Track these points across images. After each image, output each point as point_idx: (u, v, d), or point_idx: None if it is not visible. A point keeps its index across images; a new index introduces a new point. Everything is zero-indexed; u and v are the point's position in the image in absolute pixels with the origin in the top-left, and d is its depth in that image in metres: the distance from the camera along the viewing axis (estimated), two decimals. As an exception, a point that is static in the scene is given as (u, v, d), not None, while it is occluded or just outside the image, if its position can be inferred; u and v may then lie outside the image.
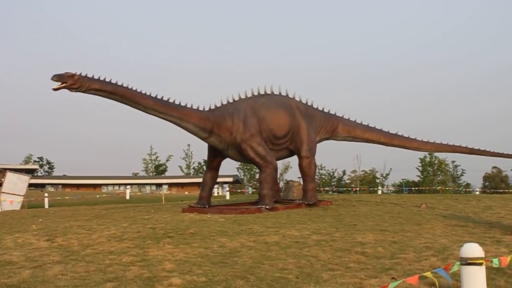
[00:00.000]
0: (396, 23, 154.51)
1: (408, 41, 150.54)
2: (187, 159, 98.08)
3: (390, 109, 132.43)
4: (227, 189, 44.18)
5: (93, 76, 15.61)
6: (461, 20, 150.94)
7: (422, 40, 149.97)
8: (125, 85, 16.13)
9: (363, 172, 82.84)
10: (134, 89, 16.31)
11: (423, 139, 21.63)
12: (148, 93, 16.57)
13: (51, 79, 14.96)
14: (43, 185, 77.22)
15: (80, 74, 15.38)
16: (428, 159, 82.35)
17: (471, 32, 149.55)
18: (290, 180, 25.62)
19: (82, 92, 15.58)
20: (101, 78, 15.75)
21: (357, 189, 60.44)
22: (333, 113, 20.90)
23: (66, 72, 15.20)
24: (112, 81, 15.94)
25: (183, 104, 17.30)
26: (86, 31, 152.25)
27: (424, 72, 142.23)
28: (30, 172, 65.38)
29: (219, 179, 22.11)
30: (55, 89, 15.05)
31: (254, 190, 71.64)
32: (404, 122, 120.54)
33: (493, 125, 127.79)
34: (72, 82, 15.16)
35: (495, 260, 5.84)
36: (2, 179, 30.49)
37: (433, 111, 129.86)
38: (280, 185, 23.97)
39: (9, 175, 30.48)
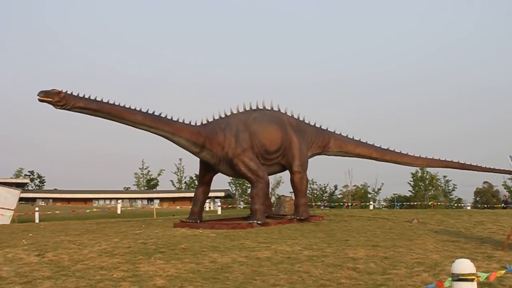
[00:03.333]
0: (386, 39, 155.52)
1: (397, 57, 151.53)
2: (178, 174, 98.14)
3: (381, 124, 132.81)
4: (219, 204, 44.08)
5: (78, 94, 15.62)
6: (453, 37, 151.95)
7: (411, 56, 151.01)
8: (111, 102, 16.10)
9: (354, 187, 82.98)
10: (121, 105, 16.26)
11: (414, 154, 21.71)
12: (137, 108, 16.55)
13: (37, 95, 15.01)
14: (33, 199, 77.04)
15: (66, 92, 15.40)
16: (419, 174, 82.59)
17: (462, 49, 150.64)
18: (282, 195, 25.60)
19: (67, 110, 15.59)
20: (87, 96, 15.75)
21: (349, 204, 60.45)
22: (325, 128, 20.96)
23: (53, 89, 15.22)
24: (97, 99, 15.90)
25: (174, 118, 17.31)
26: (79, 42, 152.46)
27: (414, 86, 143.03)
28: (20, 186, 65.17)
29: (210, 194, 22.07)
30: (40, 100, 15.09)
31: (245, 205, 71.54)
32: (395, 136, 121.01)
33: (484, 140, 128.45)
34: (58, 99, 15.18)
35: (483, 275, 5.85)
36: (-7, 193, 30.35)
37: (425, 126, 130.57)
38: (271, 200, 23.97)
39: (-1, 189, 30.36)
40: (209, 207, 49.16)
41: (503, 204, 45.12)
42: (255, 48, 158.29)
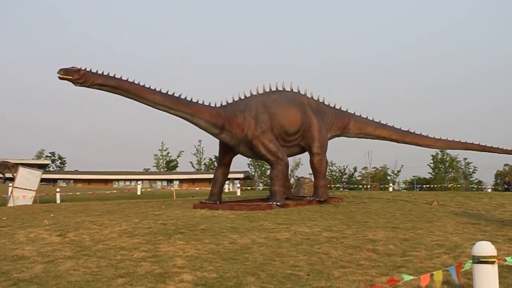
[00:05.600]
0: (399, 16, 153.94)
1: (413, 35, 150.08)
2: (198, 155, 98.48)
3: (398, 104, 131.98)
4: (238, 185, 44.18)
5: (97, 71, 15.72)
6: (468, 11, 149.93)
7: (429, 31, 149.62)
8: (130, 80, 16.17)
9: (374, 169, 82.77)
10: (141, 84, 16.32)
11: (435, 136, 21.57)
12: (157, 89, 16.58)
13: (58, 73, 15.19)
14: (55, 180, 77.75)
15: (85, 69, 15.51)
16: (440, 156, 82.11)
17: (477, 25, 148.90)
18: (301, 177, 25.55)
19: (87, 87, 15.71)
20: (106, 73, 15.84)
21: (368, 186, 60.23)
22: (345, 110, 20.85)
23: (72, 67, 15.36)
24: (116, 76, 15.99)
25: (194, 100, 17.32)
26: (92, 27, 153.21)
27: (432, 65, 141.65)
28: (42, 167, 65.82)
29: (230, 175, 22.09)
30: (60, 78, 15.22)
31: (265, 186, 71.62)
32: (414, 117, 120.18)
33: (504, 120, 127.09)
34: (77, 76, 15.32)
35: (509, 258, 5.81)
36: (15, 174, 30.67)
37: (444, 106, 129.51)
38: (291, 182, 23.97)
39: (21, 170, 30.62)
40: (228, 189, 49.27)
41: (505, 186, 44.04)
42: (271, 29, 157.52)
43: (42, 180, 36.26)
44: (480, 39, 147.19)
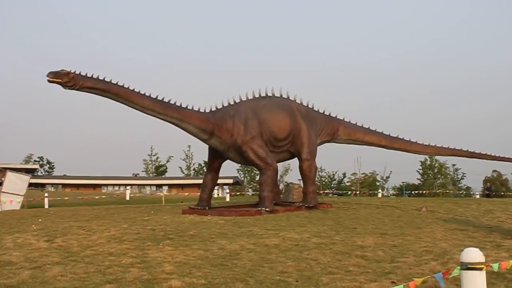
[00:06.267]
0: (393, 23, 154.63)
1: (406, 41, 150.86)
2: (187, 160, 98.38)
3: (388, 111, 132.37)
4: (227, 190, 44.14)
5: (86, 74, 15.69)
6: (460, 20, 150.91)
7: (420, 41, 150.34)
8: (120, 84, 16.13)
9: (363, 175, 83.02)
10: (130, 88, 16.29)
11: (423, 142, 21.64)
12: (147, 93, 16.55)
13: (47, 76, 15.16)
14: (43, 185, 77.29)
15: (75, 72, 15.48)
16: (428, 162, 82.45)
17: (470, 32, 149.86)
18: (290, 183, 25.61)
19: (76, 90, 15.69)
20: (95, 76, 15.81)
21: (357, 192, 60.33)
22: (334, 115, 20.89)
23: (62, 70, 15.34)
24: (106, 80, 15.96)
25: (183, 105, 17.30)
26: (86, 28, 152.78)
27: (423, 72, 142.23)
28: (30, 171, 65.47)
29: (219, 181, 22.06)
30: (49, 81, 15.17)
31: (254, 192, 71.58)
32: (403, 123, 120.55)
33: (493, 127, 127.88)
34: (67, 79, 15.30)
35: (495, 265, 5.83)
36: (2, 179, 30.50)
37: (434, 113, 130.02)
38: (280, 187, 23.95)
39: (9, 174, 30.46)
40: (218, 194, 49.24)
41: (486, 192, 43.98)
42: (263, 34, 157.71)
43: (30, 184, 36.08)
44: (476, 46, 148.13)
